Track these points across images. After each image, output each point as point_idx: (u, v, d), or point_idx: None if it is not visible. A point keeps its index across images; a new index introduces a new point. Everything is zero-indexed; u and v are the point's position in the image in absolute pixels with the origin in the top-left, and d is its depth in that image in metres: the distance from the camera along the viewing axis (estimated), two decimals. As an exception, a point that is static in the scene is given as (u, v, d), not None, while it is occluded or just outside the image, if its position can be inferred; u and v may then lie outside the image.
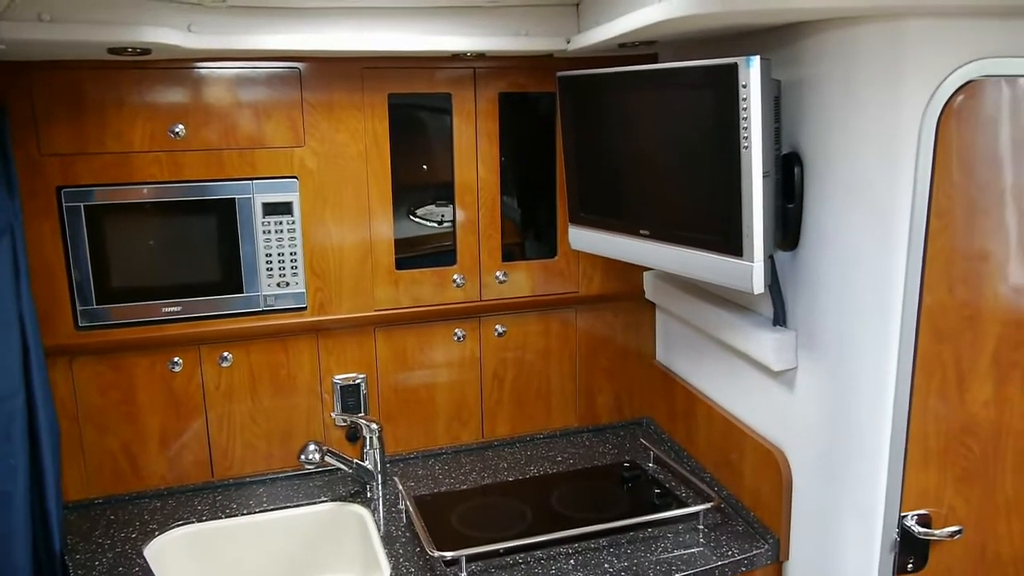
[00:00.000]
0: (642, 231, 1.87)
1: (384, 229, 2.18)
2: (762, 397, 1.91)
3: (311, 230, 2.12)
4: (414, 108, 2.21)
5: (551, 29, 2.02)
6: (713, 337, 2.05)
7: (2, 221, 1.69)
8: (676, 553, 1.85)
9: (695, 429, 2.21)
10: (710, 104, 1.60)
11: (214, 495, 2.15)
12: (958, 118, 1.47)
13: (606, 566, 1.80)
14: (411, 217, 2.25)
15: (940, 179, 1.49)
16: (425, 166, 2.28)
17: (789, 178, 1.68)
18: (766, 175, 1.55)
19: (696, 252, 1.72)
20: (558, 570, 1.79)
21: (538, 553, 1.85)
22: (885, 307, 1.54)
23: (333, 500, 2.13)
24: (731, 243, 1.61)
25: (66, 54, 1.83)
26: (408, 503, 2.03)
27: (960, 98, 1.47)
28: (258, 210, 2.06)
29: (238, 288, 2.08)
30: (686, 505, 2.02)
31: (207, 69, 1.98)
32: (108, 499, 2.11)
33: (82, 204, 1.93)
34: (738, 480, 2.00)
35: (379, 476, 2.17)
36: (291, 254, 2.11)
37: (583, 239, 2.10)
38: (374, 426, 2.16)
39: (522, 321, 2.38)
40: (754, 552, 1.85)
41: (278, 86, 2.03)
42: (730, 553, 1.85)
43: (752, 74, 1.48)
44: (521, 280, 2.33)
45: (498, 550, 1.84)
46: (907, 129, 1.47)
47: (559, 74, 2.01)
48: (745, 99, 1.50)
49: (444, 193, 2.24)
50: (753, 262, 1.59)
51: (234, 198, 2.03)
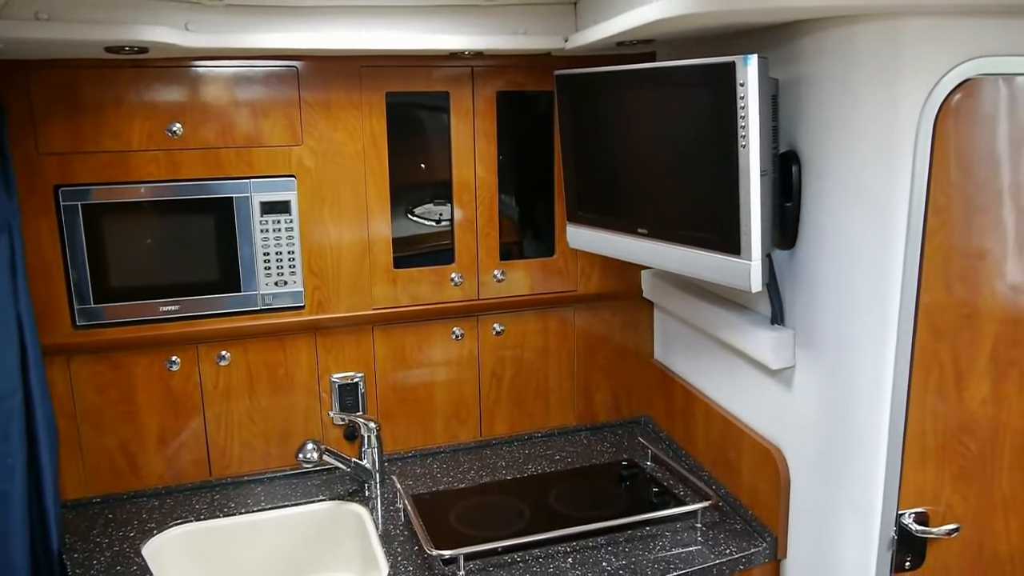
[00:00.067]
0: (640, 230, 1.87)
1: (382, 228, 2.18)
2: (760, 395, 1.91)
3: (309, 229, 2.12)
4: (412, 107, 2.21)
5: (549, 28, 2.02)
6: (711, 336, 2.05)
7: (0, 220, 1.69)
8: (674, 551, 1.85)
9: (693, 427, 2.21)
10: (708, 103, 1.60)
11: (212, 494, 2.15)
12: (956, 116, 1.48)
13: (604, 564, 1.80)
14: (409, 216, 2.25)
15: (938, 177, 1.49)
16: (423, 165, 2.28)
17: (787, 177, 1.68)
18: (764, 174, 1.55)
19: (694, 251, 1.72)
20: (556, 568, 1.80)
21: (536, 552, 1.85)
22: (883, 305, 1.55)
23: (331, 499, 2.13)
24: (729, 241, 1.61)
25: (64, 53, 1.83)
26: (406, 502, 2.03)
27: (957, 96, 1.47)
28: (256, 209, 2.06)
29: (236, 287, 2.08)
30: (684, 503, 2.02)
31: (204, 68, 1.98)
32: (106, 498, 2.11)
33: (80, 203, 1.93)
34: (736, 478, 2.01)
35: (377, 475, 2.17)
36: (289, 253, 2.10)
37: (581, 238, 2.10)
38: (372, 425, 2.16)
39: (520, 320, 2.38)
40: (752, 550, 1.86)
41: (275, 85, 2.03)
42: (728, 551, 1.85)
43: (750, 73, 1.48)
44: (519, 279, 2.33)
45: (496, 549, 1.84)
46: (905, 127, 1.47)
47: (557, 73, 2.01)
48: (743, 98, 1.50)
49: (442, 192, 2.24)
50: (751, 260, 1.59)
51: (232, 197, 2.03)
